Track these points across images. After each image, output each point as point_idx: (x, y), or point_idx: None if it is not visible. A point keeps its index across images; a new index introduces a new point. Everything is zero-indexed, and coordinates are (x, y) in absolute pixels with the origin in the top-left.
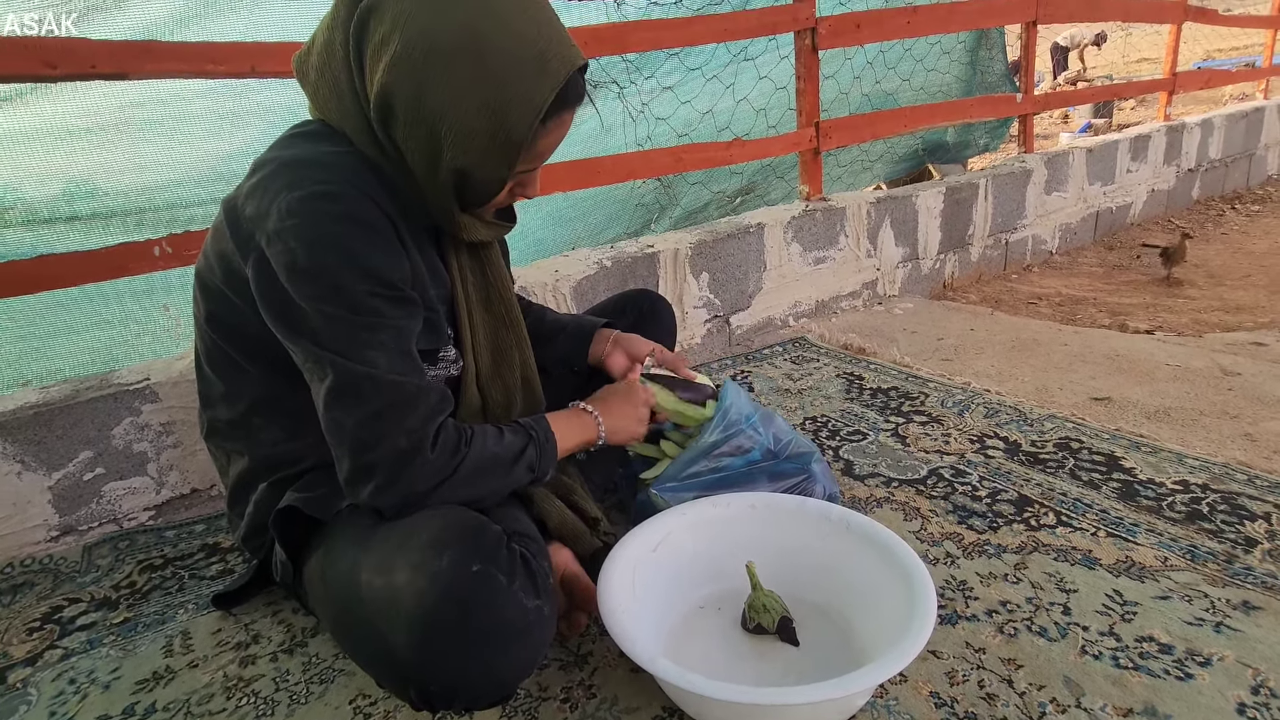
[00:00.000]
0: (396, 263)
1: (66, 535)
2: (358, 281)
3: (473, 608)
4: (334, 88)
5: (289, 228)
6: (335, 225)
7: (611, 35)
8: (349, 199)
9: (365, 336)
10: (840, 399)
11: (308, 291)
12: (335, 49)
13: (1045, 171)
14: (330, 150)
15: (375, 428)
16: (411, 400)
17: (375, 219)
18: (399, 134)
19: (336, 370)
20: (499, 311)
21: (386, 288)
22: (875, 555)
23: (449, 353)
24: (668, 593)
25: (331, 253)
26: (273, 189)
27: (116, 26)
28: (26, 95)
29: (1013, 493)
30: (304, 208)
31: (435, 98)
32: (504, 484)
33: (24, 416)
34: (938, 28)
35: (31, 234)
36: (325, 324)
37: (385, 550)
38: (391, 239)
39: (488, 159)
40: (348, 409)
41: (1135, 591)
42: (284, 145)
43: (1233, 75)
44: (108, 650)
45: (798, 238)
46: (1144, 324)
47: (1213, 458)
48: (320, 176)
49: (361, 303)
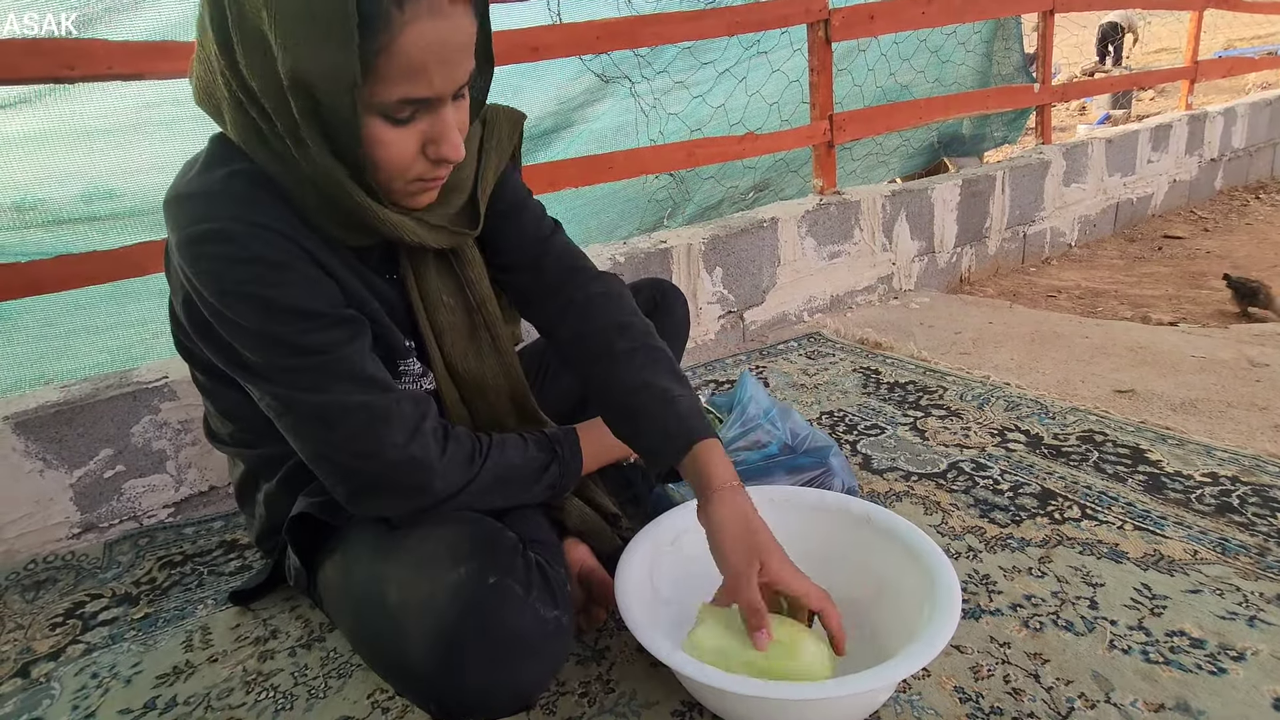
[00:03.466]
0: (316, 290)
1: (88, 532)
2: (284, 325)
3: (490, 620)
4: (199, 53)
5: (193, 276)
6: (236, 270)
7: (623, 29)
8: (240, 237)
9: (314, 375)
10: (857, 393)
11: (241, 343)
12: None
13: (1064, 163)
14: (218, 175)
15: (357, 451)
16: (384, 417)
17: (276, 250)
18: (235, 47)
19: (296, 408)
20: (483, 339)
21: (316, 319)
22: (897, 549)
23: (412, 366)
24: (686, 586)
25: (243, 301)
26: (169, 229)
27: (133, 28)
28: (45, 97)
29: (1035, 486)
30: (195, 253)
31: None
32: (522, 499)
33: (45, 415)
34: (954, 18)
35: (51, 234)
36: (271, 370)
37: (401, 561)
38: (301, 265)
39: (319, 43)
40: (322, 440)
41: (1164, 585)
42: (176, 177)
43: (1255, 63)
44: (129, 645)
45: (812, 232)
46: (1167, 316)
47: (1242, 449)
48: (204, 213)
49: (298, 344)
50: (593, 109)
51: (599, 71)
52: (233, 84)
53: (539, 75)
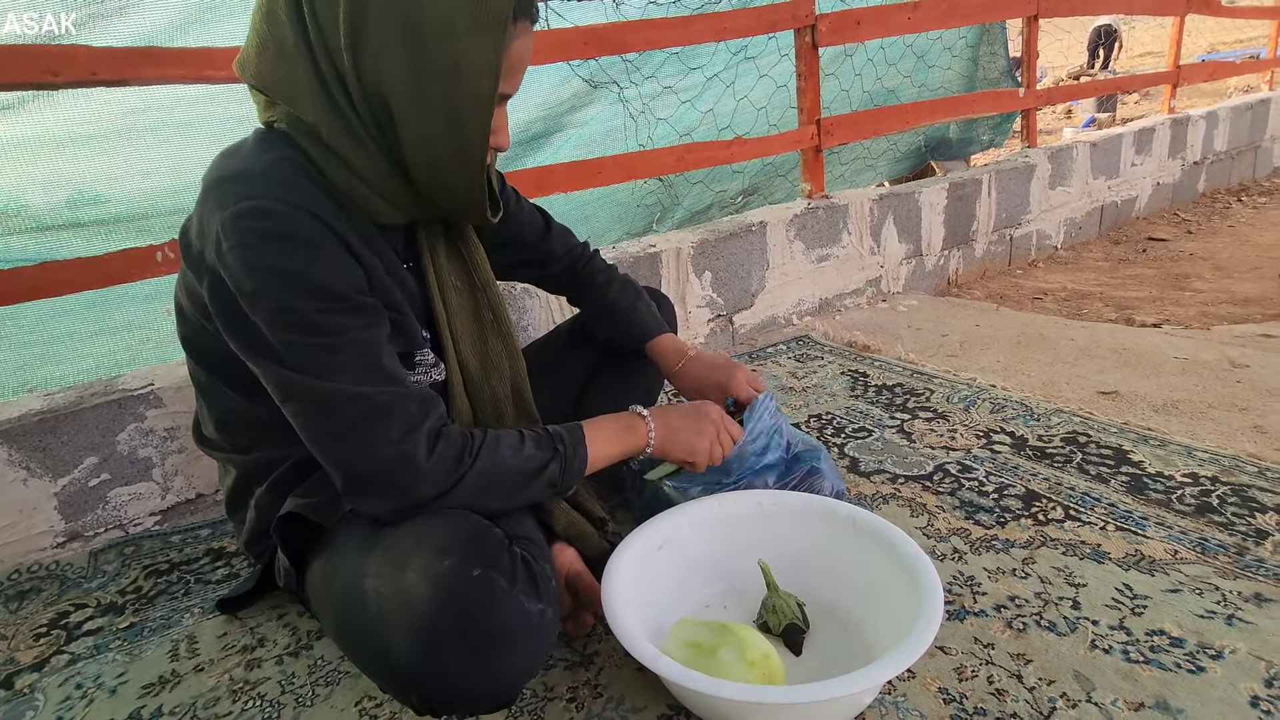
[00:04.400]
0: (343, 273)
1: (73, 541)
2: (306, 301)
3: (473, 613)
4: (280, 49)
5: (226, 250)
6: (270, 244)
7: (610, 35)
8: (279, 215)
9: (325, 358)
10: (845, 396)
11: (260, 316)
12: (278, 13)
13: (1049, 166)
14: (264, 159)
15: (354, 442)
16: (384, 411)
17: (311, 230)
18: (370, 55)
19: (302, 391)
20: (486, 318)
21: (338, 300)
22: (882, 552)
23: (426, 356)
24: (673, 591)
25: (273, 275)
26: (206, 210)
27: (117, 33)
28: (29, 103)
29: (1020, 487)
30: (236, 227)
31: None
32: (518, 499)
33: (29, 423)
34: (939, 23)
35: (35, 241)
36: (284, 348)
37: (386, 556)
38: (333, 248)
39: (476, 37)
40: (322, 428)
41: (1145, 585)
42: (218, 161)
43: (1237, 67)
44: (114, 655)
45: (800, 235)
46: (1151, 317)
47: (1222, 450)
48: (248, 192)
49: (315, 323)
50: (581, 114)
51: (587, 77)
52: (325, 71)
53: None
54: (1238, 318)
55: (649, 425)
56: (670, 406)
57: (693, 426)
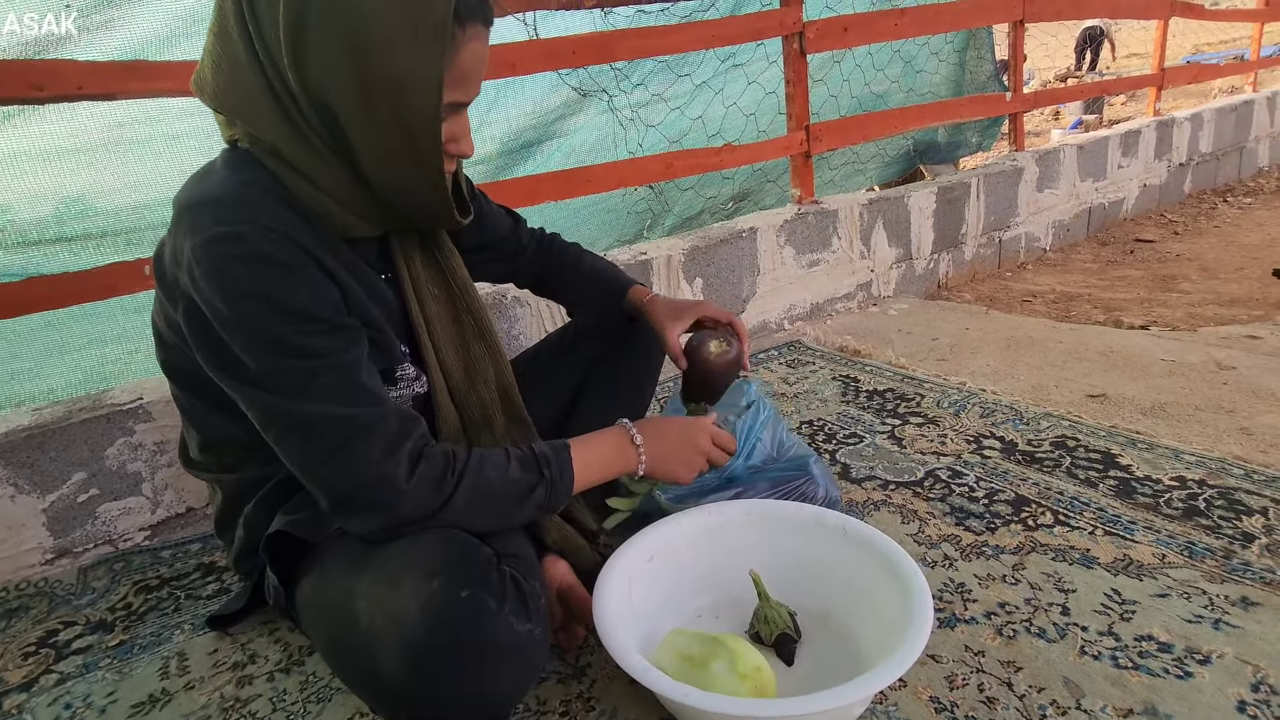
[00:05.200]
0: (320, 294)
1: (61, 558)
2: (283, 324)
3: (462, 633)
4: (233, 71)
5: (200, 277)
6: (244, 268)
7: (599, 43)
8: (252, 238)
9: (304, 380)
10: (836, 402)
11: (237, 341)
12: (229, 32)
13: (1037, 169)
14: (234, 182)
15: (335, 464)
16: (365, 432)
17: (286, 253)
18: (316, 72)
19: (281, 416)
20: (466, 323)
21: (316, 322)
22: (872, 561)
23: (407, 370)
24: (665, 602)
25: (248, 299)
26: (178, 236)
27: (104, 47)
28: (14, 117)
29: (1010, 493)
30: (209, 253)
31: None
32: (508, 521)
33: (16, 439)
34: (925, 29)
35: (21, 256)
36: (262, 372)
37: (376, 577)
38: (308, 269)
39: (415, 53)
40: (304, 451)
41: (1134, 590)
42: (189, 185)
43: (1220, 69)
44: (103, 674)
45: (791, 241)
46: (1138, 319)
47: (1209, 453)
48: (219, 216)
49: (294, 345)
50: (571, 122)
51: (576, 85)
52: (277, 88)
53: (516, 89)
54: (1224, 319)
55: (639, 449)
56: (660, 421)
57: (685, 446)
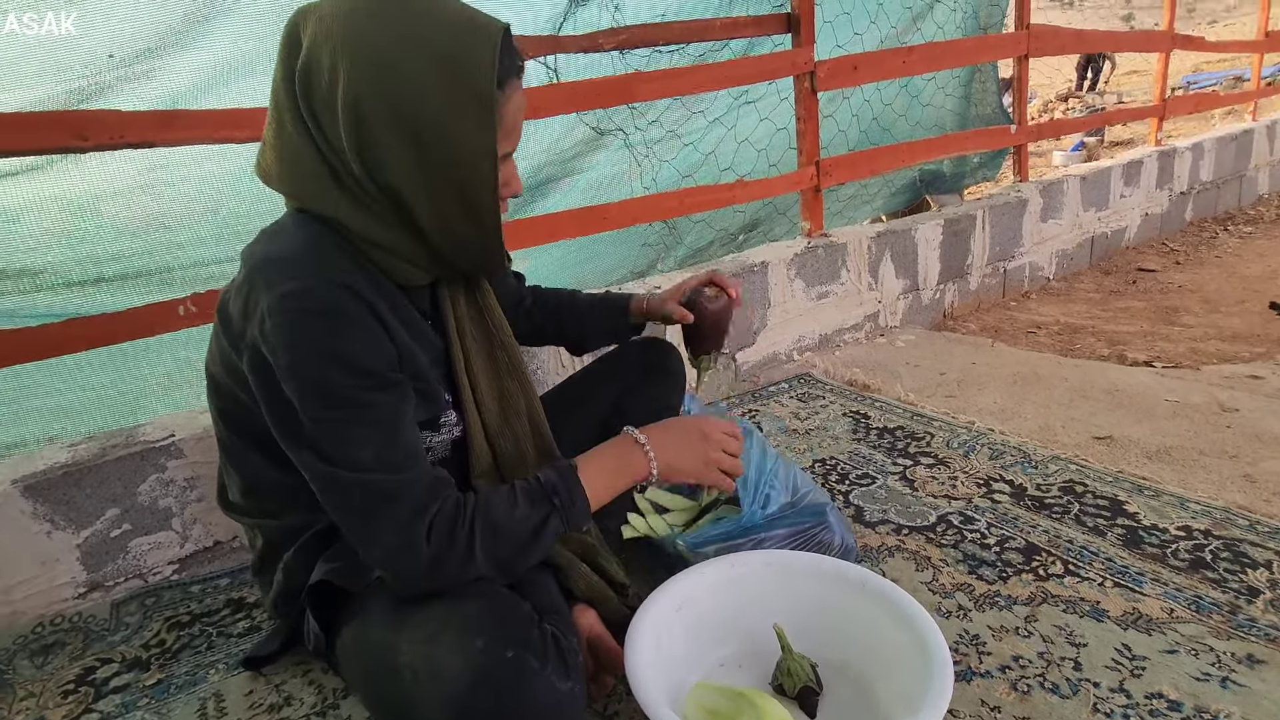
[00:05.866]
0: (377, 349)
1: (93, 591)
2: (339, 376)
3: (506, 693)
4: (296, 164)
5: (267, 329)
6: (309, 321)
7: (620, 86)
8: (319, 292)
9: (347, 432)
10: (848, 439)
11: (292, 389)
12: (288, 130)
13: (1041, 200)
14: (302, 241)
15: (367, 526)
16: (395, 495)
17: (349, 308)
18: (377, 156)
19: (322, 472)
20: (501, 360)
21: (369, 377)
22: (891, 617)
23: (449, 417)
24: (689, 652)
25: (309, 351)
26: (249, 290)
27: (144, 96)
28: (57, 163)
29: (1020, 540)
30: (278, 307)
31: (398, 90)
32: (529, 558)
33: (54, 476)
34: (933, 65)
35: (61, 297)
36: (311, 423)
37: (420, 632)
38: (369, 325)
39: (467, 125)
40: (340, 508)
41: (1143, 645)
42: (261, 241)
43: (1221, 99)
44: (143, 714)
45: (801, 274)
46: (1142, 354)
47: (1213, 501)
48: (291, 272)
49: (345, 397)
50: (588, 159)
51: (593, 124)
52: (341, 174)
53: (536, 128)
54: (1226, 355)
55: (648, 454)
56: (664, 424)
57: (693, 444)
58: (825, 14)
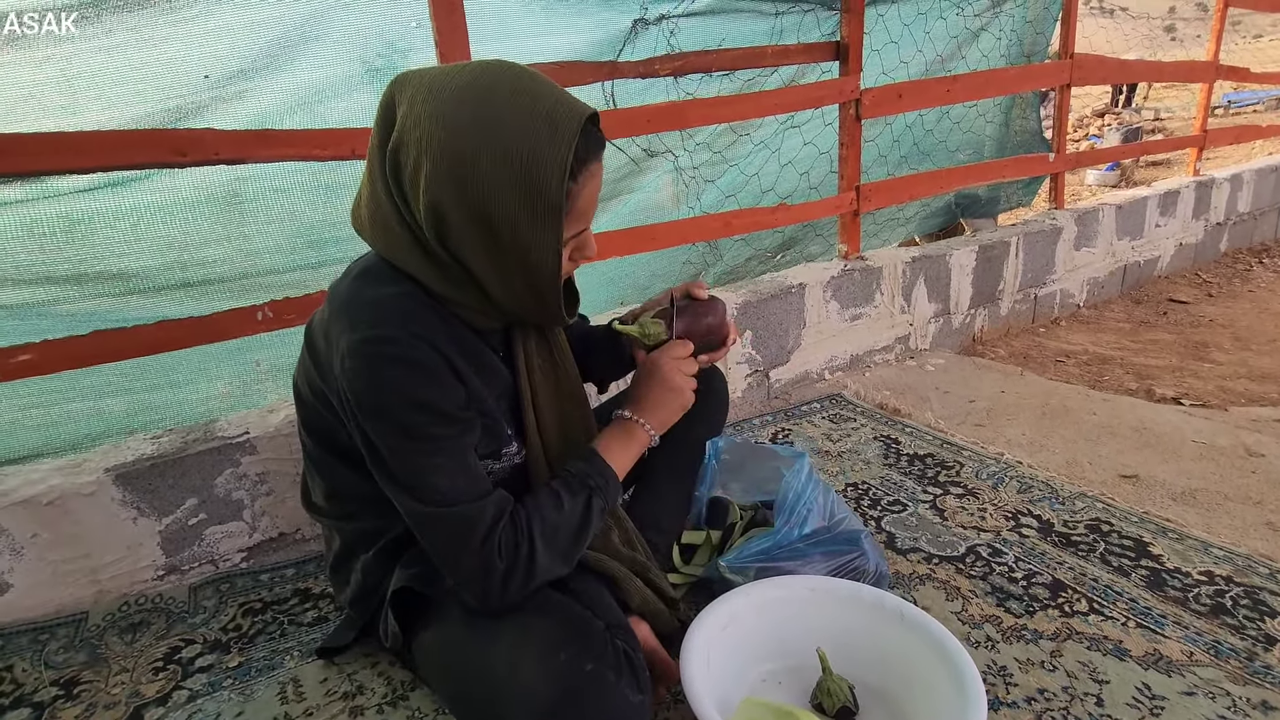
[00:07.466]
0: (449, 393)
1: (170, 574)
2: (414, 415)
3: (586, 704)
4: (385, 228)
5: (350, 369)
6: (389, 368)
7: (673, 112)
8: (400, 342)
9: (424, 461)
10: (879, 464)
11: (372, 426)
12: (379, 197)
13: (1075, 228)
14: (388, 293)
15: (449, 553)
16: (471, 523)
17: (426, 359)
18: (454, 242)
19: (406, 502)
20: (566, 389)
21: (441, 416)
22: (928, 650)
23: (510, 447)
24: (735, 667)
25: (388, 394)
26: (337, 329)
27: (235, 115)
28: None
29: (1047, 576)
30: (361, 351)
31: (474, 191)
32: (583, 542)
33: (142, 468)
34: (975, 94)
35: (150, 300)
36: (391, 455)
37: (503, 644)
38: (443, 374)
39: (536, 229)
40: (424, 535)
41: (1163, 685)
42: (351, 281)
43: (1263, 130)
44: (228, 694)
45: (836, 295)
46: (1170, 390)
47: (1236, 547)
48: (374, 319)
49: (420, 432)
50: (639, 180)
51: (645, 146)
52: (423, 242)
53: None
54: (1255, 395)
55: (645, 427)
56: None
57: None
58: (873, 42)
